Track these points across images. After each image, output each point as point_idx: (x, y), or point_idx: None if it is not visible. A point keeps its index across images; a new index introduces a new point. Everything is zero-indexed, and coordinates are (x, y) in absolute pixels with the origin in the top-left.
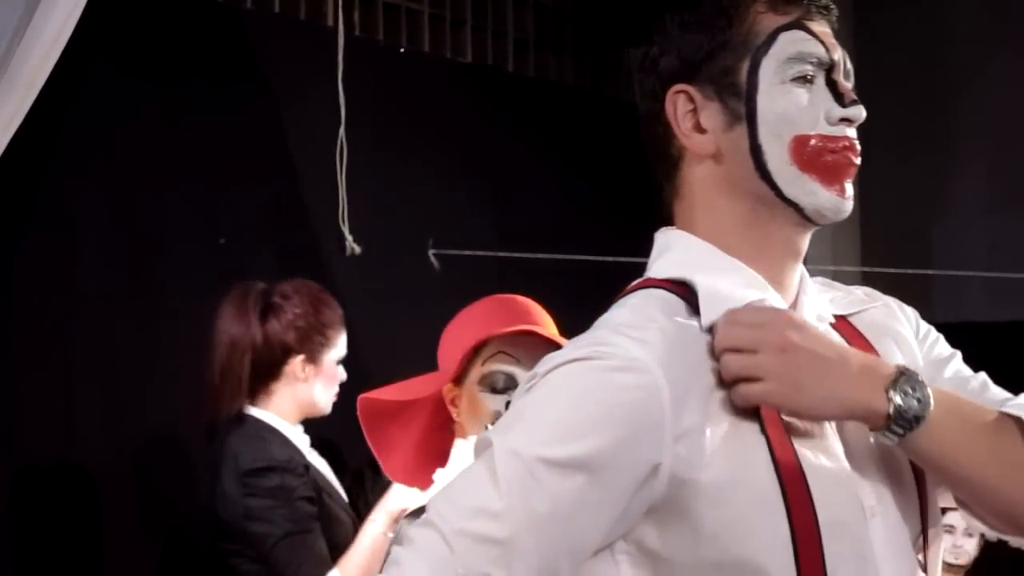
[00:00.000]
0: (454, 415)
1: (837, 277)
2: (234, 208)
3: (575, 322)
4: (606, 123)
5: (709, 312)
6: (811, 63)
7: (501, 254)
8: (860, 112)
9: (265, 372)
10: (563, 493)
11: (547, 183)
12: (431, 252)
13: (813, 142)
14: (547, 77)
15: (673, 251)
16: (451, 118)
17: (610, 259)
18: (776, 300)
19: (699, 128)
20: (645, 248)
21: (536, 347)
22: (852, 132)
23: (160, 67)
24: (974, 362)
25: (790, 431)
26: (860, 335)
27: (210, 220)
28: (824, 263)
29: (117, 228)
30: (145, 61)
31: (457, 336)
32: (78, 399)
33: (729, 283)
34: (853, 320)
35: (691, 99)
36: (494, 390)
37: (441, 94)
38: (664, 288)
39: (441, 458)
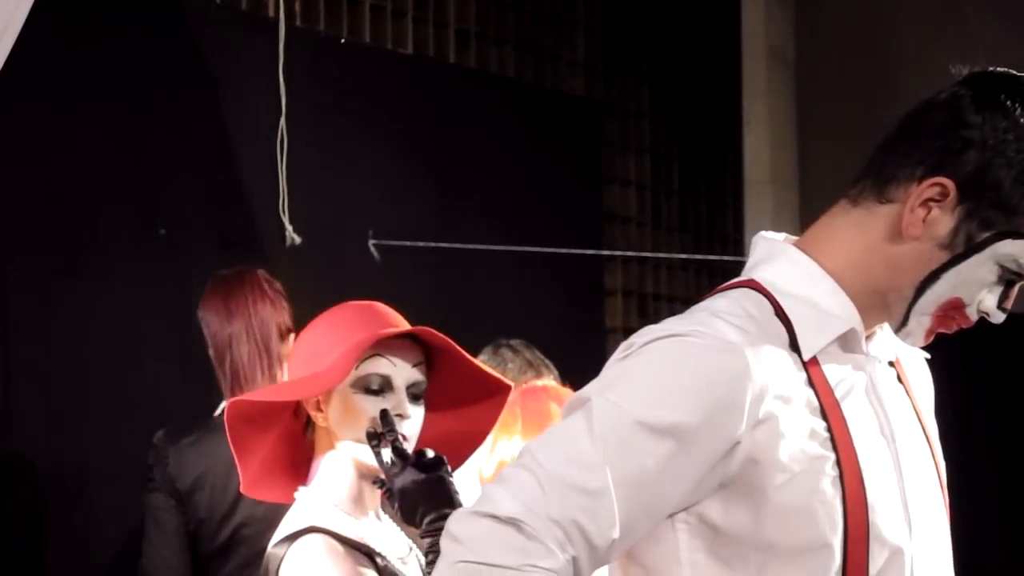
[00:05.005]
0: (319, 420)
1: None
2: (174, 198)
3: (514, 311)
4: (546, 115)
5: (806, 332)
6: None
7: (441, 244)
8: (1000, 319)
9: (273, 357)
10: (652, 456)
11: (487, 174)
12: (371, 242)
13: (955, 312)
14: (488, 68)
15: (778, 261)
16: (392, 109)
17: (548, 250)
18: (860, 329)
19: (925, 217)
20: (583, 239)
21: (407, 350)
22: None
23: (100, 57)
24: None
25: (855, 442)
26: (906, 379)
27: (150, 211)
28: None
29: (56, 219)
30: (84, 51)
31: (329, 340)
32: (16, 391)
33: (826, 303)
34: (903, 362)
35: (944, 195)
36: (368, 391)
37: (382, 85)
38: (760, 291)
39: (293, 471)
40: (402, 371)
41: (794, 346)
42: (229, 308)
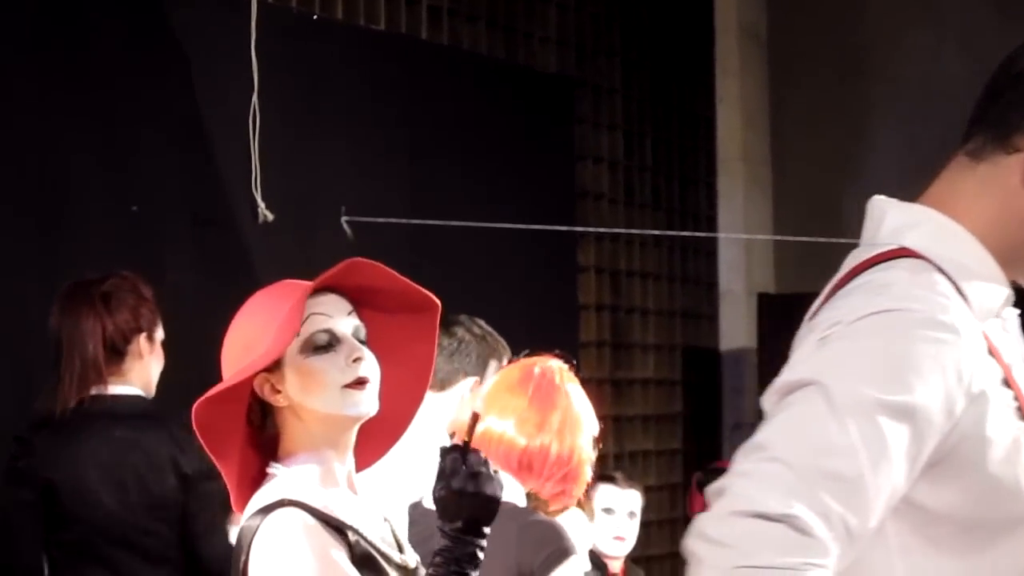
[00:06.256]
0: (279, 401)
1: (749, 246)
2: (146, 175)
3: (487, 288)
4: (519, 91)
5: (978, 300)
6: None
7: (414, 221)
8: None
9: (116, 353)
10: (892, 437)
11: (460, 151)
12: (344, 219)
13: None
14: (460, 45)
15: (925, 226)
16: (364, 86)
17: (522, 227)
18: (1011, 293)
19: None
20: (556, 216)
21: (336, 304)
22: None
23: (71, 34)
24: None
25: None
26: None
27: (122, 187)
28: (736, 231)
29: (28, 196)
30: (56, 28)
31: (260, 320)
32: None
33: (978, 267)
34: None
35: None
36: (318, 349)
37: (354, 62)
38: (921, 259)
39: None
40: (340, 321)
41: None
42: (80, 310)
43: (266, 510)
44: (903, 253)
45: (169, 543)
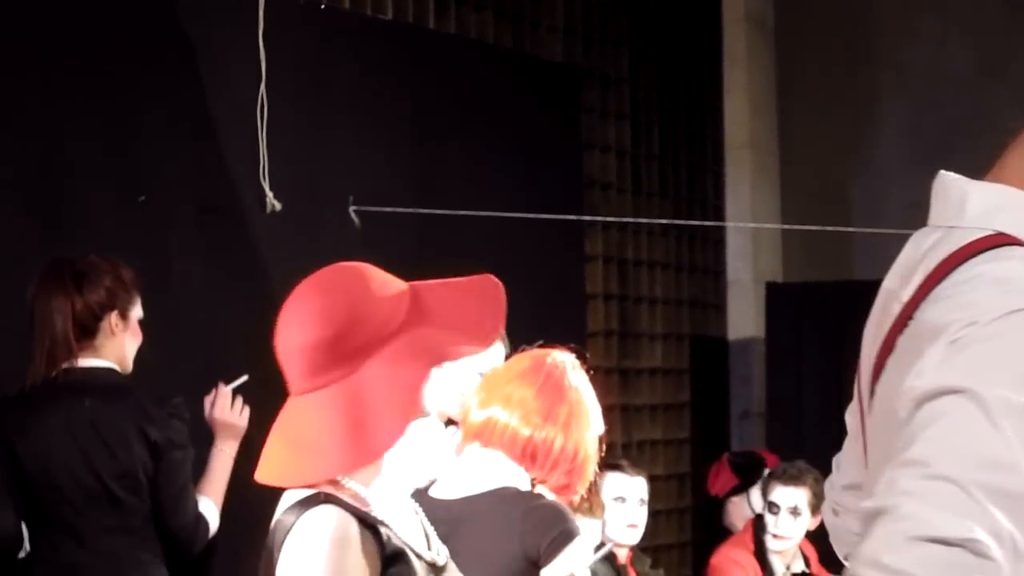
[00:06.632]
0: None
1: (757, 234)
2: (154, 165)
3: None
4: (526, 80)
5: None
6: None
7: (421, 211)
8: None
9: (87, 330)
10: None
11: (467, 140)
12: (352, 209)
13: None
14: (467, 34)
15: (1015, 208)
16: (372, 75)
17: (529, 216)
18: None
19: None
20: (564, 205)
21: None
22: None
23: (79, 24)
24: None
25: None
26: None
27: (129, 177)
28: (743, 219)
29: (36, 185)
30: (63, 19)
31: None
32: None
33: None
34: None
35: None
36: None
37: (362, 51)
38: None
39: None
40: None
41: None
42: (52, 288)
43: (304, 504)
44: (1003, 240)
45: (138, 512)
